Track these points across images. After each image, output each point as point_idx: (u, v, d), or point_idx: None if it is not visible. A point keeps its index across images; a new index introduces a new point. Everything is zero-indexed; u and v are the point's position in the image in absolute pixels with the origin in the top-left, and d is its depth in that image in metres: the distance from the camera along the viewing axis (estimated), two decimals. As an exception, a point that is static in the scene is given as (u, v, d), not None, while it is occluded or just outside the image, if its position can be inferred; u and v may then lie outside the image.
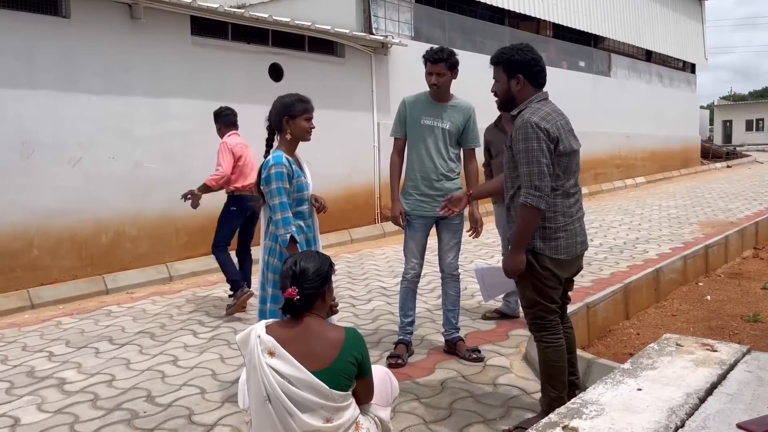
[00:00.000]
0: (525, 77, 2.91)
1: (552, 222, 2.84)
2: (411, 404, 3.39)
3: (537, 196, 2.72)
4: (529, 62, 2.91)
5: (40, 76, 6.06)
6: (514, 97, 2.95)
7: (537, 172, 2.73)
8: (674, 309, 5.08)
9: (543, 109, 2.84)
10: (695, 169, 21.03)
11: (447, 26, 11.71)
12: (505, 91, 2.98)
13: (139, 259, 6.82)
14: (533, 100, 2.90)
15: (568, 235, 2.87)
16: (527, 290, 2.95)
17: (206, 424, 3.28)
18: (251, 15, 7.68)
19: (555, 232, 2.85)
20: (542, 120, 2.76)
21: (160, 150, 7.02)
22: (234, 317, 5.31)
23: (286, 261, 2.42)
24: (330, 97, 8.78)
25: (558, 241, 2.85)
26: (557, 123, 2.81)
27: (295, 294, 2.28)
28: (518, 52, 2.92)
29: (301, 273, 2.32)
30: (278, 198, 3.21)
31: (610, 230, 9.35)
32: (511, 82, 2.94)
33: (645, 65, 18.75)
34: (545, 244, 2.85)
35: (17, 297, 5.79)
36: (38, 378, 4.02)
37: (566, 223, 2.87)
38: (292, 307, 2.31)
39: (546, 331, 2.96)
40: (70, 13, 6.28)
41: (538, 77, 2.94)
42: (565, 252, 2.87)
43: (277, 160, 3.25)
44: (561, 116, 2.91)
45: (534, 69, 2.92)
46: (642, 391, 1.88)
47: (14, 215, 5.88)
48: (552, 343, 2.96)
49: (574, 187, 2.92)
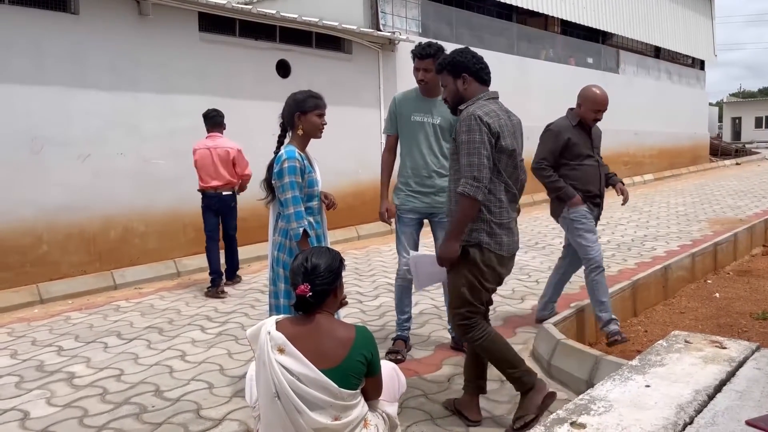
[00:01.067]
0: (469, 75, 2.99)
1: (498, 217, 2.91)
2: (418, 400, 3.39)
3: (475, 186, 2.78)
4: (470, 60, 3.00)
5: (49, 73, 6.09)
6: (462, 96, 3.02)
7: (477, 163, 2.78)
8: (682, 306, 5.06)
9: (488, 106, 2.92)
10: (704, 167, 20.91)
11: (454, 22, 11.69)
12: (454, 93, 3.05)
13: (147, 255, 6.85)
14: (481, 97, 2.98)
15: (509, 232, 2.96)
16: (462, 288, 2.95)
17: (214, 418, 3.29)
18: (259, 11, 7.68)
19: (500, 227, 2.92)
20: (486, 115, 2.84)
21: (168, 146, 7.04)
22: (241, 312, 5.33)
23: (297, 257, 2.41)
24: (337, 94, 8.77)
25: (501, 237, 2.92)
26: (499, 120, 2.88)
27: (307, 291, 2.26)
28: (458, 54, 3.04)
29: (312, 269, 2.31)
30: (291, 192, 3.22)
31: (618, 227, 9.32)
32: (457, 82, 3.02)
33: (653, 62, 18.64)
34: (492, 239, 2.90)
35: (27, 292, 5.83)
36: (47, 372, 4.05)
37: (509, 220, 2.96)
38: (305, 303, 2.30)
39: (473, 330, 2.98)
40: (78, 10, 6.30)
41: (481, 74, 3.02)
42: (507, 248, 2.94)
43: (290, 154, 3.26)
44: (506, 116, 2.98)
45: (476, 66, 3.00)
46: (650, 387, 1.88)
47: (24, 211, 5.92)
48: (481, 336, 2.98)
49: (515, 188, 2.99)
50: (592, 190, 4.29)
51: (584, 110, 4.28)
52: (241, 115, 7.69)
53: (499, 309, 5.17)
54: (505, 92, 13.19)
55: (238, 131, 7.66)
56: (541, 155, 4.30)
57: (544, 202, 12.74)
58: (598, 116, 4.29)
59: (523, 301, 5.42)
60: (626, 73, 17.09)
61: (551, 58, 14.30)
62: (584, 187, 4.26)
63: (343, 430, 2.23)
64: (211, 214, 6.11)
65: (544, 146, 4.31)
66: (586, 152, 4.29)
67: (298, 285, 2.28)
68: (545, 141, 4.32)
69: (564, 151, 4.24)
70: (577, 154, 4.25)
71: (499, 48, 12.59)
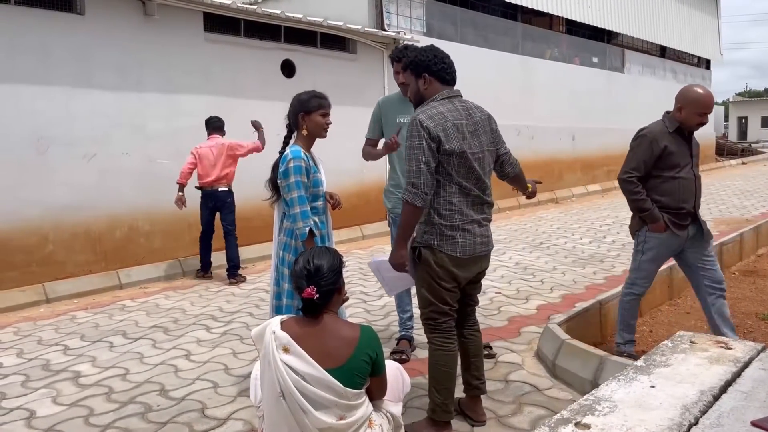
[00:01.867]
0: (430, 75, 2.96)
1: (448, 219, 2.87)
2: (422, 400, 3.39)
3: (413, 193, 2.77)
4: (431, 60, 2.97)
5: (55, 73, 6.11)
6: (422, 96, 3.01)
7: (415, 169, 2.77)
8: (688, 307, 5.04)
9: (437, 108, 2.88)
10: (710, 166, 20.84)
11: (459, 22, 11.68)
12: (416, 92, 3.04)
13: (152, 254, 6.87)
14: (436, 98, 2.94)
15: (466, 234, 2.89)
16: (422, 289, 2.97)
17: (219, 418, 3.30)
18: (264, 11, 7.69)
19: (451, 229, 2.87)
20: (428, 119, 2.81)
21: (172, 146, 7.06)
22: (246, 312, 5.34)
23: (297, 261, 2.41)
24: (342, 93, 8.78)
25: (455, 239, 2.87)
26: (445, 122, 2.83)
27: (314, 293, 2.27)
28: (421, 53, 3.01)
29: (316, 271, 2.31)
30: (296, 191, 3.23)
31: (624, 227, 9.29)
32: (419, 82, 3.00)
33: (659, 61, 18.59)
34: (442, 241, 2.87)
35: (33, 291, 5.86)
36: (53, 371, 4.07)
37: (464, 221, 2.89)
38: (313, 306, 2.30)
39: (437, 333, 2.96)
40: (84, 10, 6.32)
41: (443, 73, 2.98)
42: (462, 250, 2.88)
43: (295, 154, 3.27)
44: (462, 115, 2.91)
45: (437, 66, 2.96)
46: (655, 388, 1.87)
47: (30, 210, 5.94)
48: (441, 346, 2.95)
49: (477, 189, 2.92)
50: (685, 206, 3.67)
51: (686, 114, 3.64)
52: (246, 115, 7.68)
53: (503, 309, 5.16)
54: (510, 92, 13.20)
55: (243, 131, 7.68)
56: (631, 165, 3.69)
57: (549, 201, 12.82)
58: (703, 120, 3.66)
59: (527, 301, 5.42)
60: (631, 72, 17.05)
61: (556, 58, 14.28)
62: (676, 204, 3.65)
63: (347, 429, 2.23)
64: (206, 210, 6.63)
65: (636, 155, 3.69)
66: (684, 162, 3.68)
67: (304, 288, 2.28)
68: (637, 149, 3.70)
69: (658, 161, 3.64)
70: (673, 164, 3.64)
71: (504, 47, 12.58)
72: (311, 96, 3.40)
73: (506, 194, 12.05)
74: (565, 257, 7.21)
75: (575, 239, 8.40)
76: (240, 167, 7.57)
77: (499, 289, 5.81)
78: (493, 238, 3.11)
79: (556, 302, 5.35)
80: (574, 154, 14.29)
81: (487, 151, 2.98)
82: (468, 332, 3.17)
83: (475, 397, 3.17)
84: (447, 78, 2.99)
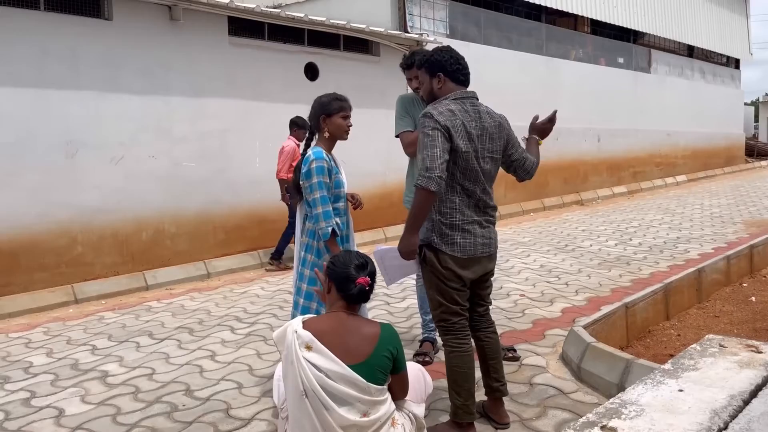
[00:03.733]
0: (445, 75, 2.98)
1: (448, 218, 2.88)
2: (445, 402, 3.37)
3: (427, 177, 2.73)
4: (447, 60, 2.98)
5: (84, 77, 6.22)
6: (435, 95, 3.02)
7: (429, 155, 2.75)
8: (717, 310, 4.95)
9: (448, 106, 2.89)
10: (739, 167, 20.46)
11: (482, 23, 11.63)
12: (429, 91, 3.06)
13: (177, 256, 6.96)
14: (448, 97, 2.95)
15: (466, 235, 2.89)
16: (431, 290, 2.98)
17: (243, 418, 3.32)
18: (287, 15, 7.74)
19: (451, 228, 2.88)
20: (439, 114, 2.83)
21: (198, 149, 7.14)
22: (269, 313, 5.38)
23: (342, 256, 2.48)
24: (365, 96, 8.80)
25: (455, 239, 2.87)
26: (455, 120, 2.84)
27: (367, 282, 2.39)
28: (437, 53, 3.03)
29: (367, 264, 2.47)
30: (319, 192, 3.25)
31: (650, 229, 9.17)
32: (433, 81, 3.02)
33: (687, 61, 18.30)
34: (442, 240, 2.88)
35: (62, 292, 5.96)
36: (82, 370, 4.14)
37: (464, 221, 2.89)
38: (364, 294, 2.42)
39: (450, 335, 2.95)
40: (112, 15, 6.43)
41: (457, 74, 2.99)
42: (462, 250, 2.88)
43: (317, 155, 3.30)
44: (472, 116, 2.90)
45: (452, 67, 2.98)
46: (683, 392, 1.84)
47: (59, 213, 6.05)
48: (455, 347, 2.94)
49: (479, 193, 2.92)
50: None
51: None
52: (270, 118, 7.76)
53: (527, 312, 5.12)
54: (534, 93, 13.15)
55: (267, 134, 7.76)
56: None
57: (574, 203, 12.70)
58: None
59: (552, 303, 5.37)
60: (658, 72, 16.81)
61: (581, 59, 14.14)
62: None
63: (370, 427, 2.24)
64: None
65: None
66: None
67: (357, 278, 2.38)
68: None
69: None
70: None
71: (528, 48, 12.49)
72: (332, 98, 3.43)
73: (530, 196, 12.01)
74: (591, 260, 7.13)
75: (601, 241, 8.31)
76: (264, 170, 7.65)
77: (523, 292, 5.77)
78: (497, 240, 3.09)
79: (581, 305, 5.29)
80: (599, 155, 14.13)
81: (490, 158, 2.97)
82: (484, 335, 3.15)
83: (497, 399, 3.15)
84: (461, 79, 3.00)
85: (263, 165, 7.69)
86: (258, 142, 7.69)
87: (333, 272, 2.44)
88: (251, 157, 7.65)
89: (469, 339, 3.00)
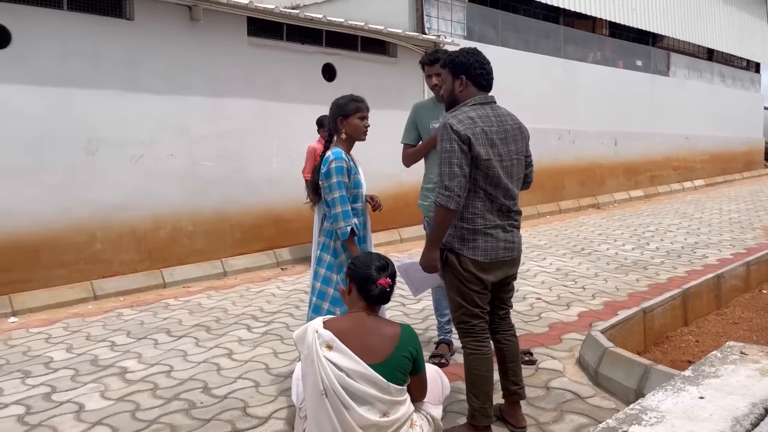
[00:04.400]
0: (467, 78, 2.96)
1: (470, 223, 2.87)
2: (462, 404, 3.37)
3: (446, 195, 2.76)
4: (472, 64, 2.95)
5: (106, 77, 6.30)
6: (456, 97, 3.00)
7: (448, 172, 2.77)
8: (736, 317, 4.91)
9: (468, 113, 2.87)
10: (759, 172, 20.22)
11: (500, 25, 11.60)
12: (450, 92, 3.04)
13: (195, 254, 7.01)
14: (468, 102, 2.94)
15: (488, 239, 2.88)
16: (451, 292, 2.98)
17: (260, 416, 3.35)
18: (306, 16, 7.78)
19: (473, 233, 2.87)
20: (459, 123, 2.81)
21: (216, 148, 7.20)
22: (286, 312, 5.41)
23: (363, 257, 2.50)
24: (382, 97, 8.82)
25: (476, 243, 2.87)
26: (475, 128, 2.82)
27: (388, 284, 2.42)
28: (463, 55, 2.99)
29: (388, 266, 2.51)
30: (338, 192, 3.28)
31: (667, 234, 9.09)
32: (455, 82, 3.00)
33: (706, 64, 18.12)
34: (463, 245, 2.88)
35: (81, 288, 6.04)
36: (101, 366, 4.19)
37: (486, 226, 2.88)
38: (385, 296, 2.46)
39: (470, 337, 2.95)
40: (133, 15, 6.50)
41: (480, 79, 2.97)
42: (483, 254, 2.87)
43: (337, 155, 3.34)
44: (492, 121, 2.89)
45: (477, 71, 2.95)
46: (704, 399, 1.83)
47: (79, 210, 6.13)
48: (475, 350, 2.93)
49: (503, 198, 2.90)
50: None
51: None
52: (287, 118, 7.81)
53: (544, 315, 5.11)
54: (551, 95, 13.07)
55: (284, 134, 7.80)
56: None
57: (590, 206, 12.62)
58: None
59: (568, 307, 5.35)
60: (677, 75, 16.66)
61: (599, 61, 14.05)
62: None
63: (390, 427, 2.25)
64: None
65: None
66: None
67: (378, 279, 2.41)
68: None
69: None
70: None
71: (546, 51, 12.44)
72: (349, 100, 3.47)
73: (546, 199, 11.95)
74: (607, 264, 7.09)
75: (617, 245, 8.25)
76: (280, 170, 7.69)
77: (539, 295, 5.75)
78: (521, 245, 3.08)
79: (597, 309, 5.26)
80: (616, 158, 14.04)
81: (516, 160, 2.97)
82: (503, 337, 3.15)
83: (514, 402, 3.15)
84: (483, 84, 2.99)
85: (280, 165, 7.73)
86: (275, 142, 7.74)
87: (354, 273, 2.46)
88: (268, 157, 7.70)
89: (489, 342, 3.00)
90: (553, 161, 11.95)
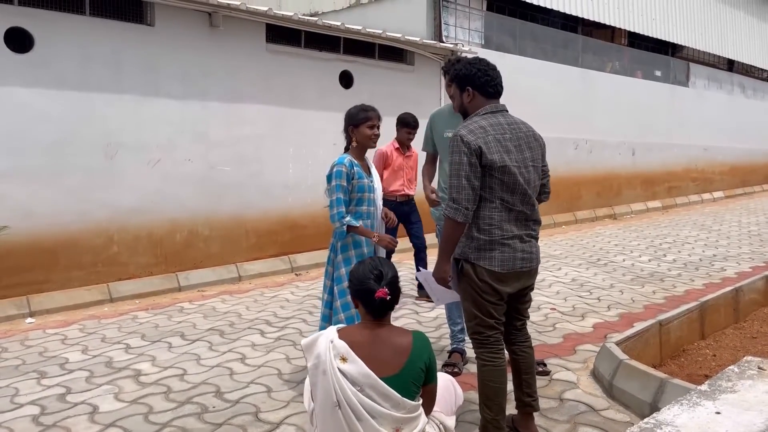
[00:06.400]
0: (473, 89, 2.97)
1: (486, 234, 2.84)
2: (474, 414, 3.36)
3: (454, 208, 2.77)
4: (474, 75, 2.96)
5: (125, 81, 6.37)
6: (466, 109, 3.02)
7: (456, 185, 2.78)
8: (755, 331, 4.84)
9: (479, 122, 2.87)
10: (778, 185, 19.95)
11: (518, 34, 11.59)
12: (460, 105, 3.06)
13: (210, 259, 7.06)
14: (479, 113, 2.94)
15: (505, 249, 2.85)
16: (466, 302, 2.96)
17: (272, 422, 3.35)
18: (324, 23, 7.82)
19: (490, 244, 2.84)
20: (469, 133, 2.80)
21: (233, 154, 7.25)
22: (299, 318, 5.42)
23: (362, 266, 2.47)
24: (398, 105, 8.81)
25: (493, 253, 2.84)
26: (487, 137, 2.81)
27: (386, 294, 2.36)
28: (464, 66, 3.01)
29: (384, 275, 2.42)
30: (335, 194, 3.51)
31: (685, 246, 8.99)
32: (463, 95, 3.02)
33: (726, 75, 17.94)
34: (479, 255, 2.86)
35: (97, 290, 6.10)
36: (116, 368, 4.22)
37: (503, 236, 2.85)
38: (384, 307, 2.39)
39: (484, 348, 2.92)
40: (154, 21, 6.58)
41: (486, 87, 2.97)
42: (500, 265, 2.84)
43: (339, 161, 3.56)
44: (504, 129, 2.87)
45: (480, 80, 2.96)
46: (721, 414, 1.81)
47: (98, 213, 6.20)
48: (489, 361, 2.90)
49: (521, 205, 2.87)
50: None
51: None
52: (304, 124, 7.85)
53: (558, 326, 5.07)
54: (568, 104, 12.99)
55: (300, 140, 7.84)
56: None
57: (607, 217, 12.52)
58: None
59: (583, 318, 5.30)
60: (696, 86, 16.52)
61: (617, 71, 13.97)
62: None
63: (403, 439, 2.24)
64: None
65: None
66: None
67: (376, 290, 2.36)
68: None
69: None
70: None
71: (564, 60, 12.39)
72: (359, 110, 3.66)
73: (562, 209, 11.88)
74: (623, 275, 7.03)
75: (634, 257, 8.18)
76: (297, 176, 7.73)
77: (554, 306, 5.71)
78: (539, 255, 3.04)
79: (613, 321, 5.21)
80: (633, 169, 13.93)
81: (532, 166, 2.94)
82: (519, 348, 3.13)
83: (527, 414, 3.12)
84: (491, 91, 2.98)
85: (296, 171, 7.77)
86: (292, 149, 7.78)
87: (353, 289, 2.44)
88: (285, 163, 7.74)
89: (503, 353, 2.97)
90: (570, 171, 11.88)
